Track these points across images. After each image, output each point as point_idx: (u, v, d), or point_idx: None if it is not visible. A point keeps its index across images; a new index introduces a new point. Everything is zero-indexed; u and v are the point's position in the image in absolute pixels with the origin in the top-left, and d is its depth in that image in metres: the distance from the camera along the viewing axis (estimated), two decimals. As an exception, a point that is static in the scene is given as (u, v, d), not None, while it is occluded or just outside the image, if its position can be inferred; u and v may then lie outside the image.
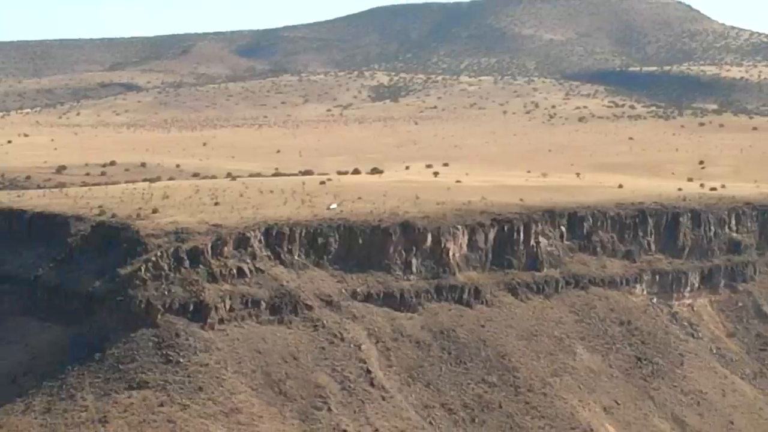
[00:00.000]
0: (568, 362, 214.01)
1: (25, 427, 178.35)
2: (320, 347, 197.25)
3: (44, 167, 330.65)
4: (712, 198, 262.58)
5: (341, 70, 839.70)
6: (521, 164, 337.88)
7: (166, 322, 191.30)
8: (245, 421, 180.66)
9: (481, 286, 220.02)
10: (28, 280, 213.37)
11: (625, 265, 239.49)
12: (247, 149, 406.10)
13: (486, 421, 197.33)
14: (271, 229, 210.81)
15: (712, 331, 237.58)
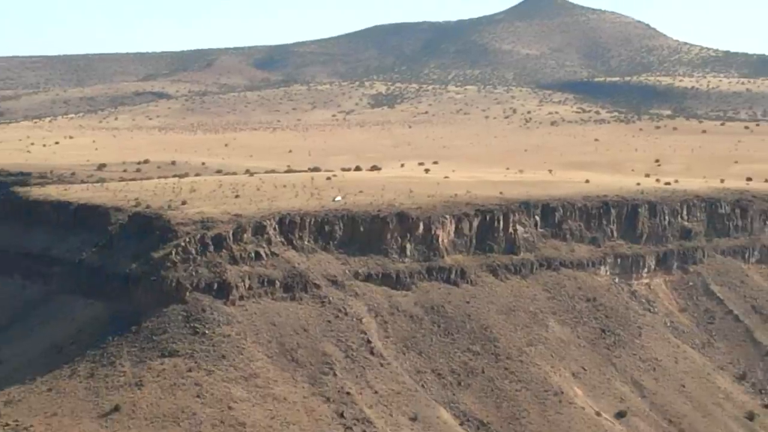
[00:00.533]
0: (542, 333, 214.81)
1: (71, 389, 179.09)
2: (327, 320, 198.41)
3: (87, 165, 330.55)
4: (667, 191, 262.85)
5: (344, 80, 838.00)
6: (501, 162, 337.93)
7: (194, 299, 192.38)
8: (262, 384, 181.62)
9: (466, 268, 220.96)
10: (74, 263, 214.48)
11: (591, 250, 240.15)
12: (262, 149, 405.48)
13: (471, 384, 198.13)
14: (284, 218, 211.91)
15: (666, 307, 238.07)
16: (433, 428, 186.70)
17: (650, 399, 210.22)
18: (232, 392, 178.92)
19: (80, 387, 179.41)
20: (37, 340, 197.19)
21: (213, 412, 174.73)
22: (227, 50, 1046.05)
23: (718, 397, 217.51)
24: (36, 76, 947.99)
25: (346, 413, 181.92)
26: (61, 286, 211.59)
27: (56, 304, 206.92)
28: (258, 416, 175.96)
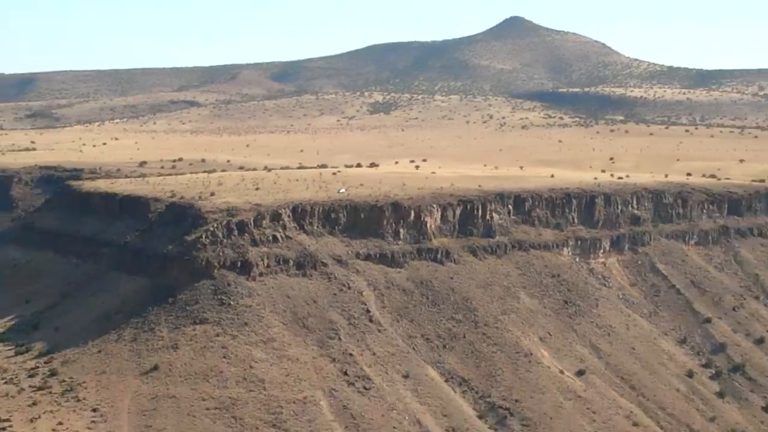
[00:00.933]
0: (514, 304, 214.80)
1: (117, 351, 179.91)
2: (333, 293, 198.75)
3: (130, 162, 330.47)
4: (619, 185, 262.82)
5: (347, 91, 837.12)
6: (479, 160, 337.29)
7: (221, 275, 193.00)
8: (278, 347, 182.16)
9: (450, 249, 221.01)
10: (120, 245, 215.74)
11: (555, 234, 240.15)
12: (278, 149, 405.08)
13: (454, 347, 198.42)
14: (296, 207, 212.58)
15: (619, 282, 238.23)
16: (423, 385, 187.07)
17: (605, 360, 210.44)
18: (252, 354, 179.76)
19: (125, 349, 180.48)
20: (88, 310, 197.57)
21: (237, 371, 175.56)
22: (248, 65, 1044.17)
23: (663, 358, 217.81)
24: (87, 87, 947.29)
25: (348, 371, 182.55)
26: (109, 264, 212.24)
27: (105, 280, 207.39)
28: (275, 374, 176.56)
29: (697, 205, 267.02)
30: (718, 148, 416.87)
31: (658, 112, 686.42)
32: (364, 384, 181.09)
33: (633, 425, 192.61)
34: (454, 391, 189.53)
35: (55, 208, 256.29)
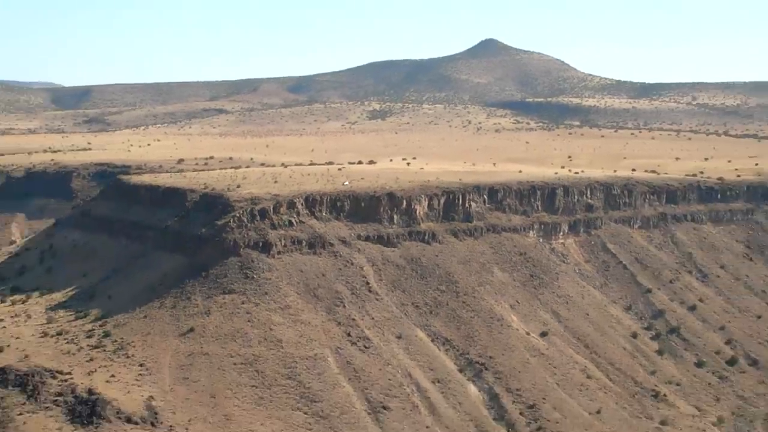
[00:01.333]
0: (488, 277, 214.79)
1: (159, 316, 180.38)
2: (338, 268, 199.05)
3: (170, 159, 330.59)
4: (576, 178, 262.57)
5: (350, 100, 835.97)
6: (460, 158, 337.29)
7: (245, 253, 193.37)
8: (293, 313, 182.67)
9: (436, 232, 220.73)
10: (162, 228, 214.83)
11: (523, 219, 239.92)
12: (292, 149, 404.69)
13: (438, 313, 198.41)
14: (308, 197, 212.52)
15: (575, 259, 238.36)
16: (413, 344, 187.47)
17: (564, 323, 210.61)
18: (272, 318, 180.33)
19: (166, 315, 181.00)
20: (135, 282, 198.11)
21: (259, 333, 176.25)
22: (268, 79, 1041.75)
23: (612, 322, 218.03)
24: (133, 98, 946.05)
25: (351, 333, 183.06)
26: (153, 245, 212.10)
27: (149, 257, 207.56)
28: (290, 335, 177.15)
29: (640, 196, 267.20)
30: (658, 148, 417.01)
31: (608, 119, 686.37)
32: (364, 343, 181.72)
33: (587, 378, 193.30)
34: (438, 349, 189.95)
35: (108, 198, 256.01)
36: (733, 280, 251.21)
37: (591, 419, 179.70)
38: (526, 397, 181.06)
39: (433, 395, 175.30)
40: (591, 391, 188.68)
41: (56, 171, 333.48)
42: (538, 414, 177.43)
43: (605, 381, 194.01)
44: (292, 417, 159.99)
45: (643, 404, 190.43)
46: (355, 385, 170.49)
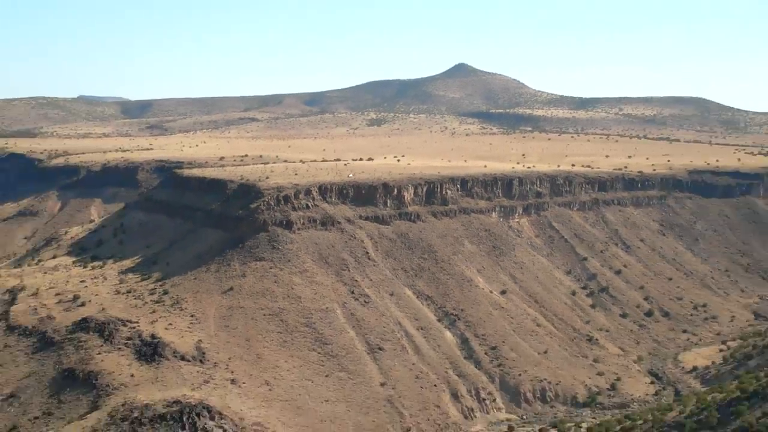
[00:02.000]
0: (460, 248, 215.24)
1: (206, 278, 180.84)
2: (344, 241, 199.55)
3: (213, 157, 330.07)
4: (528, 171, 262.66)
5: (353, 111, 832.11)
6: (438, 156, 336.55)
7: (272, 229, 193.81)
8: (309, 276, 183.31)
9: (420, 213, 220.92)
10: (208, 210, 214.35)
11: (487, 203, 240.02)
12: (308, 149, 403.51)
13: (422, 276, 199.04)
14: (321, 186, 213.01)
15: (528, 234, 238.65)
16: (402, 300, 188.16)
17: (519, 284, 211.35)
18: (293, 280, 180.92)
19: (211, 277, 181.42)
20: (188, 252, 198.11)
21: (283, 291, 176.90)
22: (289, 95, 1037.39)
23: (556, 282, 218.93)
24: (185, 109, 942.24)
25: (354, 291, 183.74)
26: (201, 223, 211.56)
27: (197, 233, 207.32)
28: (307, 293, 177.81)
29: (578, 185, 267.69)
30: (592, 148, 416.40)
31: (553, 125, 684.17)
32: (365, 299, 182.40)
33: (537, 326, 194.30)
34: (421, 303, 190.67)
35: (165, 187, 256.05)
36: (650, 250, 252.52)
37: (539, 358, 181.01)
38: (490, 340, 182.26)
39: (418, 339, 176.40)
40: (539, 336, 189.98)
41: (125, 166, 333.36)
42: (499, 354, 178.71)
43: (551, 328, 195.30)
44: (309, 356, 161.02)
45: (580, 346, 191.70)
46: (357, 331, 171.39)
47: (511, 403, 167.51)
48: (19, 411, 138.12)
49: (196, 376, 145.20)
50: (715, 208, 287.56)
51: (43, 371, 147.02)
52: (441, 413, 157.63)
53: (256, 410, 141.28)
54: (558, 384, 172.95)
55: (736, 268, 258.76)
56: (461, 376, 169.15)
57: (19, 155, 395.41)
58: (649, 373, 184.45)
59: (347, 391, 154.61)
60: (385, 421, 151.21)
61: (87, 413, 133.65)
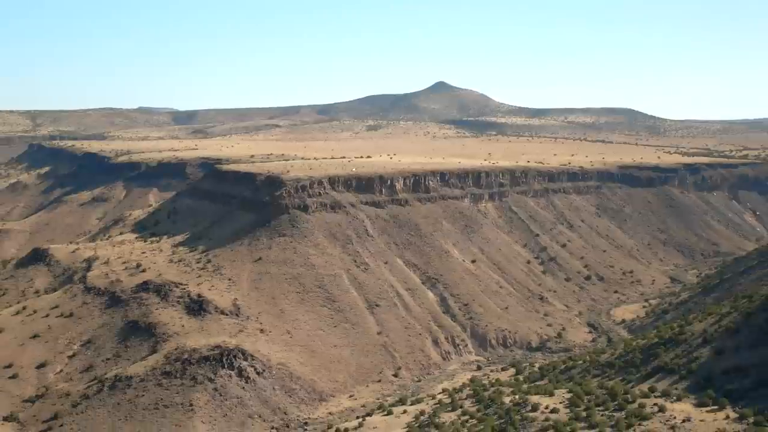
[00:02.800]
0: (439, 227, 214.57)
1: (240, 250, 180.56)
2: (348, 221, 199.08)
3: (245, 155, 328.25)
4: (493, 166, 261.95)
5: (355, 119, 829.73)
6: (423, 154, 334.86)
7: (293, 212, 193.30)
8: (321, 248, 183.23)
9: (408, 199, 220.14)
10: (242, 197, 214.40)
11: (460, 191, 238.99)
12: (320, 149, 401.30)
13: (409, 248, 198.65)
14: (331, 177, 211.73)
15: (492, 216, 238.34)
16: (394, 267, 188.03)
17: (485, 254, 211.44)
18: (308, 251, 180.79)
19: (244, 249, 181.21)
20: (226, 229, 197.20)
21: (300, 260, 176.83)
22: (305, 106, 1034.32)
23: (515, 253, 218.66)
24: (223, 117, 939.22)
25: (356, 260, 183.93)
26: (236, 207, 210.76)
27: (234, 215, 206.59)
28: (320, 262, 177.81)
29: (532, 177, 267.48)
30: (543, 149, 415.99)
31: (513, 130, 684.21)
32: (365, 267, 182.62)
33: (500, 288, 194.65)
34: (409, 270, 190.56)
35: (208, 178, 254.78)
36: (588, 228, 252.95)
37: (502, 312, 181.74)
38: (462, 299, 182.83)
39: (406, 298, 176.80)
40: (502, 295, 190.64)
41: (176, 162, 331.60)
42: (470, 309, 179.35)
43: (510, 289, 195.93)
44: (321, 311, 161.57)
45: (534, 303, 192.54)
46: (358, 291, 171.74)
47: (479, 348, 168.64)
48: (94, 354, 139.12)
49: (232, 326, 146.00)
50: (639, 196, 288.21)
51: (113, 323, 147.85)
52: (424, 356, 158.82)
53: (280, 353, 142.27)
54: (516, 333, 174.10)
55: (656, 242, 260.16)
56: (440, 327, 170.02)
57: (93, 154, 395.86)
58: (587, 325, 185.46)
59: (351, 339, 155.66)
60: (381, 361, 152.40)
61: (147, 355, 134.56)
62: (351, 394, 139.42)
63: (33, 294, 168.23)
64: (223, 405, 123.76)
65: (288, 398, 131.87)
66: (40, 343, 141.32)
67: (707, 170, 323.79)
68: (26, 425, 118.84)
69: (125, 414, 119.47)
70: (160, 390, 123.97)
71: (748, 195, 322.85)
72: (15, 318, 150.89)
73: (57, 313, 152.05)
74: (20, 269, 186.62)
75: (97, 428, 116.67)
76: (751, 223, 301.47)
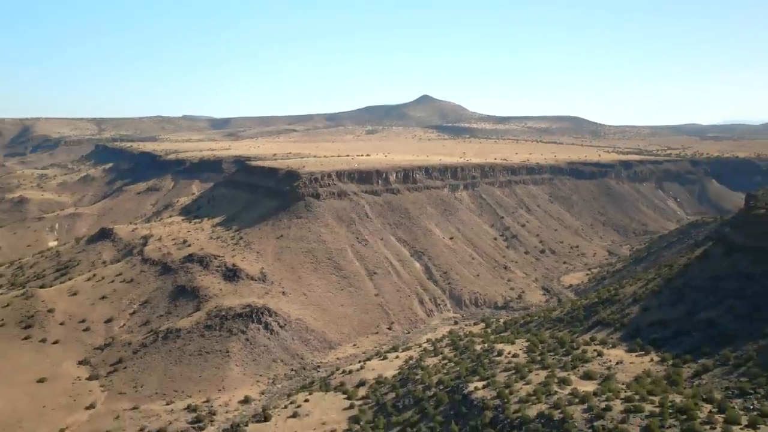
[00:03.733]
0: (424, 211, 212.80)
1: (266, 229, 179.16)
2: (352, 206, 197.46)
3: (269, 154, 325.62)
4: (467, 162, 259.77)
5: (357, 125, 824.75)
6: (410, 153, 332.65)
7: (307, 199, 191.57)
8: (330, 228, 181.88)
9: (399, 188, 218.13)
10: (267, 187, 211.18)
11: (441, 182, 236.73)
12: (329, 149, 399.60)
13: (401, 228, 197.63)
14: (338, 171, 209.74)
15: (467, 202, 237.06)
16: (388, 243, 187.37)
17: (461, 233, 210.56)
18: (321, 231, 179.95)
19: (269, 228, 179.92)
20: (254, 213, 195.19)
21: (313, 237, 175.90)
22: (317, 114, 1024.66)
23: (485, 232, 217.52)
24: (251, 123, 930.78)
25: (359, 237, 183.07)
26: (262, 195, 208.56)
27: (260, 201, 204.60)
28: (329, 238, 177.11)
29: (498, 171, 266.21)
30: (508, 149, 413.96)
31: (483, 134, 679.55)
32: (365, 243, 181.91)
33: (472, 259, 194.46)
34: (400, 245, 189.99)
35: (240, 172, 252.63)
36: (543, 212, 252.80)
37: (474, 279, 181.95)
38: (442, 268, 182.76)
39: (398, 267, 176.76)
40: (474, 265, 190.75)
41: (214, 159, 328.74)
42: (448, 276, 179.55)
43: (481, 260, 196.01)
44: (330, 278, 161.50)
45: (499, 272, 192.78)
46: (360, 262, 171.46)
47: (456, 307, 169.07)
48: (150, 312, 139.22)
49: (260, 290, 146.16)
50: (584, 186, 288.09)
51: (165, 287, 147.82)
52: (412, 313, 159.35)
53: (297, 311, 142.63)
54: (485, 295, 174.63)
55: (597, 223, 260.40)
56: (425, 290, 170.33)
57: (147, 153, 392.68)
58: (542, 288, 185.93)
59: (354, 299, 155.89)
60: (378, 318, 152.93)
61: (192, 313, 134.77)
62: (354, 343, 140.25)
63: (101, 264, 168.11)
64: (252, 352, 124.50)
65: (304, 346, 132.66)
66: (107, 303, 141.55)
67: (638, 166, 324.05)
68: (97, 368, 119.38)
69: (175, 359, 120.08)
70: (202, 340, 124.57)
71: (671, 185, 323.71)
72: (87, 283, 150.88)
73: (120, 279, 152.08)
74: (90, 244, 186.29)
75: (153, 370, 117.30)
76: (673, 207, 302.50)
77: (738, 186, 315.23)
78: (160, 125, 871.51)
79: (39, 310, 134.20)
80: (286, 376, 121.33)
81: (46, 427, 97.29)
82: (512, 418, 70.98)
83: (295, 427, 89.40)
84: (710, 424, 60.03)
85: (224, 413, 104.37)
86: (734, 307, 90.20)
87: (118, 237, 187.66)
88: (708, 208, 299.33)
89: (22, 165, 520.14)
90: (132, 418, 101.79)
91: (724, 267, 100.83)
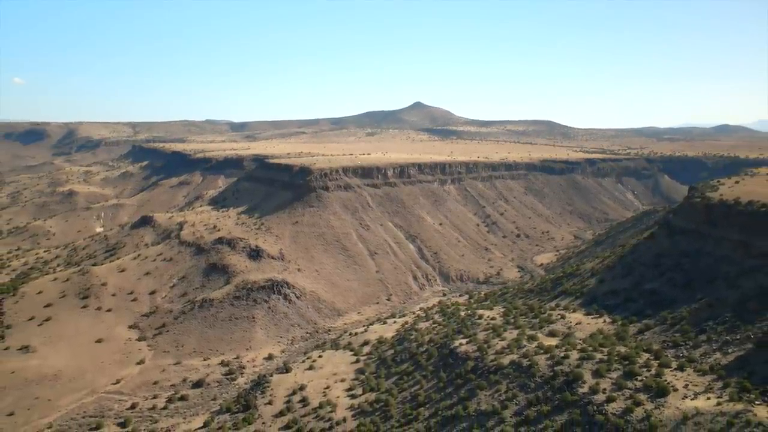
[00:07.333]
0: (417, 201, 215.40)
1: (284, 216, 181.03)
2: (356, 197, 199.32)
3: (284, 153, 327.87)
4: (454, 160, 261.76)
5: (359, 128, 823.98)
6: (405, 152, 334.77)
7: (318, 191, 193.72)
8: (338, 215, 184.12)
9: (396, 182, 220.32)
10: (283, 181, 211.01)
11: (431, 177, 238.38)
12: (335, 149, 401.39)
13: (397, 215, 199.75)
14: (344, 168, 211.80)
15: (453, 194, 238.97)
16: (387, 228, 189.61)
17: (449, 220, 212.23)
18: (330, 218, 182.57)
19: (286, 216, 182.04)
20: (272, 203, 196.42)
21: (323, 223, 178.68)
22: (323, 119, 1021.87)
23: (468, 220, 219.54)
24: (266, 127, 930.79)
25: (362, 223, 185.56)
26: (279, 188, 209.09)
27: (277, 193, 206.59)
28: (337, 224, 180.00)
29: (481, 167, 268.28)
30: (490, 149, 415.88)
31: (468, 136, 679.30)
32: (367, 228, 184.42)
33: (458, 242, 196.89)
34: (397, 230, 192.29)
35: (259, 168, 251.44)
36: (519, 203, 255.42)
37: (459, 258, 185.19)
38: (433, 249, 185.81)
39: (395, 248, 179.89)
40: (459, 247, 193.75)
41: (236, 158, 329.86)
42: (438, 256, 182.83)
43: (465, 243, 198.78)
44: (338, 257, 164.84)
45: (481, 254, 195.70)
46: (363, 244, 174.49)
47: (444, 282, 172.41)
48: (187, 285, 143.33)
49: (279, 267, 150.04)
50: (554, 180, 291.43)
51: (199, 264, 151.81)
52: (407, 287, 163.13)
53: (311, 285, 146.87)
54: (469, 272, 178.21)
55: (565, 212, 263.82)
56: (418, 268, 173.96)
57: (178, 152, 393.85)
58: (517, 267, 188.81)
59: (358, 275, 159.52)
60: (378, 291, 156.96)
61: (223, 286, 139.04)
62: (359, 311, 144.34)
63: (144, 246, 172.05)
64: (274, 318, 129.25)
65: (317, 314, 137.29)
66: (151, 278, 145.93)
67: (601, 163, 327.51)
68: (144, 331, 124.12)
69: (209, 324, 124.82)
70: (232, 308, 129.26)
71: (629, 180, 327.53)
72: (133, 261, 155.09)
73: (161, 258, 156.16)
74: (133, 230, 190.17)
75: (191, 333, 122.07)
76: (630, 199, 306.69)
77: (687, 180, 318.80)
78: (186, 128, 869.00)
79: (94, 284, 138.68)
80: (302, 338, 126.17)
81: (105, 378, 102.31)
82: (489, 366, 76.16)
83: (312, 377, 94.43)
84: (647, 368, 65.17)
85: (252, 367, 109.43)
86: (673, 279, 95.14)
87: (157, 223, 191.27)
88: (660, 200, 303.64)
89: (68, 163, 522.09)
90: (175, 371, 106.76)
91: (666, 246, 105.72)
